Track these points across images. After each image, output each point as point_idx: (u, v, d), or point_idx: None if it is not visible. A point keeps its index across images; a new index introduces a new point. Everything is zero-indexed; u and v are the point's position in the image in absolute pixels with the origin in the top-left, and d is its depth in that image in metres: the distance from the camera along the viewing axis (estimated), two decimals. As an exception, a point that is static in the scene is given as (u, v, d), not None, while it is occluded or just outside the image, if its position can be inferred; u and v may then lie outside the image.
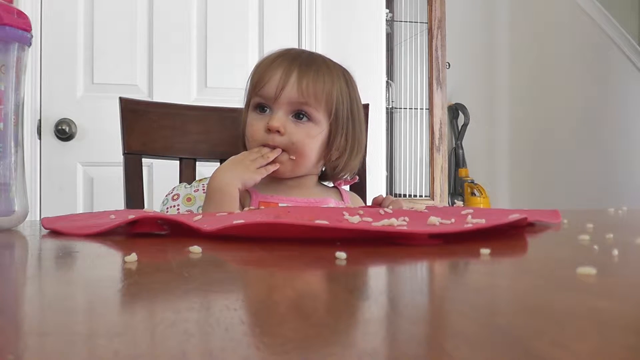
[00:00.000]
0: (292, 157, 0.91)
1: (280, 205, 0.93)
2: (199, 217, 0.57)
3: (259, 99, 0.93)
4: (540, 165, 3.52)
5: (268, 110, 0.93)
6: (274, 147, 0.90)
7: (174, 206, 1.00)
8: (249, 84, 0.96)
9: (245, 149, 0.98)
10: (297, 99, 0.91)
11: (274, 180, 0.96)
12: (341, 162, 0.97)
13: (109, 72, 1.77)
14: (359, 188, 1.15)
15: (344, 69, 0.99)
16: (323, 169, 1.02)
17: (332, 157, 0.96)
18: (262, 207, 0.86)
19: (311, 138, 0.92)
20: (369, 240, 0.46)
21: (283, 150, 0.90)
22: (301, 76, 0.91)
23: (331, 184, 1.05)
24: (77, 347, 0.20)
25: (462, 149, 3.37)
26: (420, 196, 3.13)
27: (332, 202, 0.99)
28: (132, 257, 0.37)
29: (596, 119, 3.58)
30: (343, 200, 1.01)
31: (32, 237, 0.56)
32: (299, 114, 0.92)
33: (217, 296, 0.28)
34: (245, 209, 0.81)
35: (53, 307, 0.26)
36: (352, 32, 1.90)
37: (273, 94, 0.91)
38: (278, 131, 0.90)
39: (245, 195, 0.94)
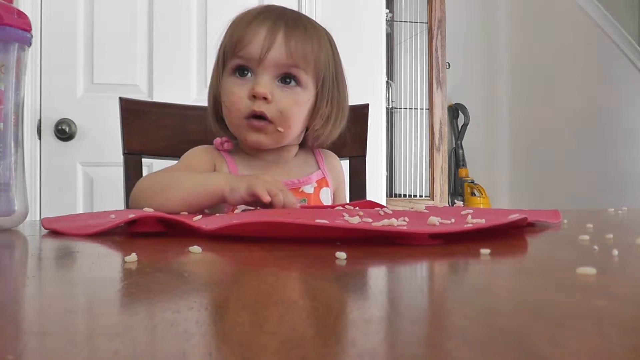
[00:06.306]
0: (279, 128, 0.83)
1: None
2: (199, 217, 0.58)
3: (240, 60, 0.83)
4: (540, 165, 3.52)
5: (250, 74, 0.84)
6: (260, 115, 0.82)
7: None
8: (225, 42, 0.86)
9: (216, 119, 0.91)
10: (285, 60, 0.82)
11: (253, 154, 0.91)
12: (325, 130, 0.89)
13: (109, 72, 1.77)
14: (360, 188, 1.15)
15: (326, 29, 0.91)
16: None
17: (315, 125, 0.89)
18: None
19: (299, 106, 0.84)
20: (369, 240, 0.46)
21: (270, 122, 0.83)
22: (289, 36, 0.82)
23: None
24: (77, 347, 0.20)
25: (462, 149, 3.37)
26: (420, 196, 3.13)
27: (314, 176, 0.93)
28: (132, 257, 0.37)
29: (596, 118, 3.58)
30: (319, 168, 0.95)
31: (32, 237, 0.55)
32: (285, 78, 0.83)
33: (217, 296, 0.28)
34: (247, 209, 0.81)
35: (53, 307, 0.26)
36: (352, 32, 1.90)
37: (257, 55, 0.81)
38: (265, 98, 0.82)
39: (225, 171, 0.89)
